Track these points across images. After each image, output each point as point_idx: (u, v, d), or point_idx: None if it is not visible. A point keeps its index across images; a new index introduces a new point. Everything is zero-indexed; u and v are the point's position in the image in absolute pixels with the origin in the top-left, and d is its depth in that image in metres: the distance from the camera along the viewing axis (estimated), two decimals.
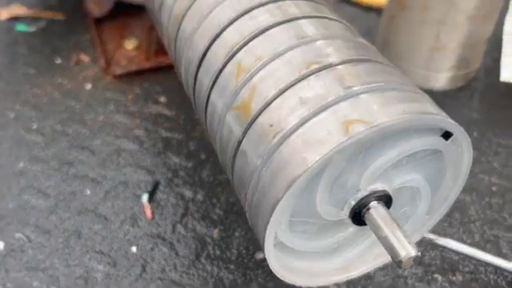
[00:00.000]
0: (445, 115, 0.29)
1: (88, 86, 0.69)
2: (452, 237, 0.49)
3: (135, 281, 0.46)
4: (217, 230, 0.50)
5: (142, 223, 0.51)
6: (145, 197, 0.53)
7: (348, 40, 0.34)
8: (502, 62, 0.65)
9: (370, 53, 0.33)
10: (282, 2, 0.36)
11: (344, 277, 0.35)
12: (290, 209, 0.28)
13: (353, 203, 0.30)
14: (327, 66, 0.30)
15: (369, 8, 0.85)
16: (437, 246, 0.48)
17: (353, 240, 0.34)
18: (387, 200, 0.30)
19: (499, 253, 0.48)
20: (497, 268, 0.46)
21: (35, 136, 0.61)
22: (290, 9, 0.36)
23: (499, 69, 0.71)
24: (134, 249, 0.49)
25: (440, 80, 0.68)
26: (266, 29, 0.34)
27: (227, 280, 0.46)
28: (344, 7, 0.87)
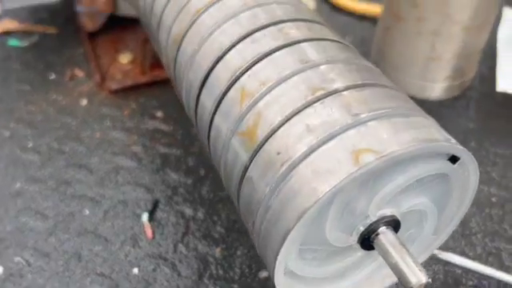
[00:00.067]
0: (454, 142, 0.29)
1: (83, 102, 0.68)
2: (454, 250, 0.49)
3: None
4: (219, 249, 0.50)
5: (143, 243, 0.51)
6: (145, 216, 0.53)
7: (351, 63, 0.34)
8: (498, 72, 0.65)
9: (374, 75, 0.33)
10: (284, 24, 0.36)
11: None
12: (301, 238, 0.28)
13: (362, 229, 0.30)
14: (332, 92, 0.30)
15: (362, 17, 0.85)
16: (439, 261, 0.48)
17: (361, 263, 0.34)
18: (396, 225, 0.30)
19: (501, 265, 0.48)
20: (500, 282, 0.46)
21: (31, 155, 0.60)
22: (292, 31, 0.36)
23: (494, 77, 0.71)
24: (136, 270, 0.48)
25: (436, 90, 0.68)
26: (269, 53, 0.34)
27: None
28: (337, 16, 0.86)
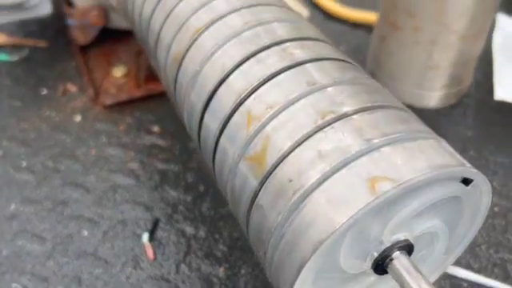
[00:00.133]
0: (468, 165, 0.28)
1: (77, 118, 0.66)
2: (460, 262, 0.49)
3: None
4: (222, 269, 0.49)
5: (144, 264, 0.50)
6: (145, 236, 0.52)
7: (358, 83, 0.33)
8: (495, 81, 0.65)
9: (383, 96, 0.33)
10: (290, 44, 0.35)
11: None
12: (316, 268, 0.28)
13: (376, 255, 0.29)
14: (343, 116, 0.30)
15: (355, 25, 0.85)
16: (446, 275, 0.48)
17: (374, 286, 0.33)
18: (409, 249, 0.30)
19: (507, 276, 0.48)
20: None
21: (26, 175, 0.59)
22: (296, 51, 0.35)
23: (489, 83, 0.72)
24: None
25: (433, 98, 0.68)
26: (274, 74, 0.33)
27: None
28: (330, 24, 0.86)
